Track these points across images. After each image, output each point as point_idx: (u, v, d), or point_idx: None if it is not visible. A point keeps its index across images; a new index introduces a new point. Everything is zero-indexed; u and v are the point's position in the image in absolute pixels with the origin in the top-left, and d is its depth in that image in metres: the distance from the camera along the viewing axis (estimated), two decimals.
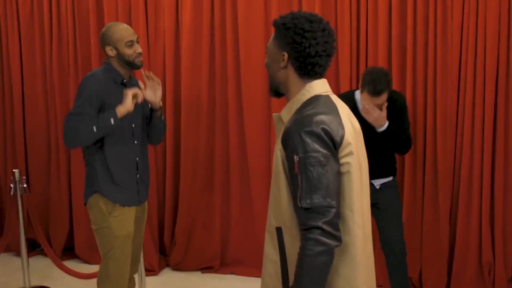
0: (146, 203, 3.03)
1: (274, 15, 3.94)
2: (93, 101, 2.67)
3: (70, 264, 4.46)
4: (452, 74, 3.64)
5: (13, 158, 4.68)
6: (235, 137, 4.15)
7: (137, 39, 2.78)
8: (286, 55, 1.79)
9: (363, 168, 1.84)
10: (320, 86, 1.81)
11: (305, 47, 1.76)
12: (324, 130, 1.68)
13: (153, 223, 4.30)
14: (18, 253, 4.66)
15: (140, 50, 2.77)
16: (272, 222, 1.82)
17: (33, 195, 4.60)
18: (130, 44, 2.74)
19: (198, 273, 4.28)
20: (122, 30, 2.74)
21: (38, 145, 4.61)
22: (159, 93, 2.83)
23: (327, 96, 1.81)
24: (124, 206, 2.79)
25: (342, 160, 1.73)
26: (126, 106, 2.64)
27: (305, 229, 1.67)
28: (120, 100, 2.69)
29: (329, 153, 1.68)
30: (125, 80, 2.82)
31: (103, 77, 2.75)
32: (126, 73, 2.83)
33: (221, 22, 4.09)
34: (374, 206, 3.25)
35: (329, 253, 1.65)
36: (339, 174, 1.71)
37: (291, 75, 1.82)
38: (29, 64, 4.56)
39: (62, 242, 4.60)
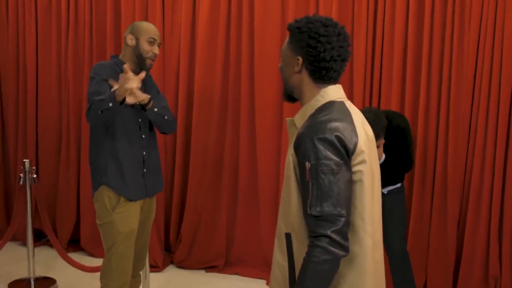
0: (154, 203, 3.02)
1: (291, 15, 3.92)
2: (105, 84, 2.71)
3: (75, 256, 4.48)
4: (467, 81, 3.60)
5: (24, 148, 4.71)
6: (246, 137, 4.13)
7: (159, 43, 2.84)
8: (300, 59, 1.77)
9: (375, 176, 1.82)
10: (334, 92, 1.79)
11: (319, 51, 1.73)
12: (337, 137, 1.66)
13: (159, 219, 4.30)
14: (24, 243, 4.70)
15: (157, 51, 2.81)
16: (281, 227, 1.81)
17: (41, 185, 4.63)
18: (152, 41, 2.79)
19: (202, 272, 4.27)
20: (150, 27, 2.83)
21: (49, 137, 4.63)
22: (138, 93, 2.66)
23: (342, 102, 1.79)
24: (129, 200, 2.78)
25: (355, 168, 1.71)
26: (121, 88, 2.49)
27: (314, 236, 1.65)
28: None
29: (341, 161, 1.66)
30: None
31: (109, 68, 2.78)
32: (134, 69, 2.83)
33: (237, 22, 4.07)
34: None
35: (335, 262, 1.63)
36: (350, 183, 1.69)
37: (305, 79, 1.79)
38: (44, 57, 4.57)
39: (68, 234, 4.62)
